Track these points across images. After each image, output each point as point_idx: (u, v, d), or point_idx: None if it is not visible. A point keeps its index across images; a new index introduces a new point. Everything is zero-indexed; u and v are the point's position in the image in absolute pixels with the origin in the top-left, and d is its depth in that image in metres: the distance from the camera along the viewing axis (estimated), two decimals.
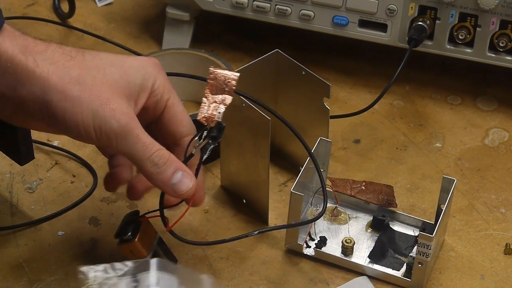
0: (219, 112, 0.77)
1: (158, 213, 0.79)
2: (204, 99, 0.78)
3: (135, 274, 0.72)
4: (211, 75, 0.79)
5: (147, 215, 0.81)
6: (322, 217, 0.91)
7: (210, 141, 0.78)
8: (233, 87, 0.78)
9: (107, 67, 0.74)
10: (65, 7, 1.19)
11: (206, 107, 0.78)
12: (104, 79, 0.73)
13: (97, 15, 1.22)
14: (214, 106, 0.78)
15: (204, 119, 0.78)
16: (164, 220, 0.79)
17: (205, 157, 0.78)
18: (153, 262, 0.72)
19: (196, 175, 0.77)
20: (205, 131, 0.77)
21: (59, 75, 0.72)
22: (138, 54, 1.10)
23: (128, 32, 1.19)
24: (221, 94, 0.78)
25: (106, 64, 0.74)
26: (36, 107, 0.73)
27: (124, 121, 0.72)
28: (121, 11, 1.23)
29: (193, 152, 0.77)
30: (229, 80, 0.78)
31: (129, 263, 0.73)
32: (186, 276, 0.73)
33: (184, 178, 0.75)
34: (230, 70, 0.80)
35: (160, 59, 1.03)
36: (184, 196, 0.76)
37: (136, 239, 0.80)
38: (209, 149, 0.78)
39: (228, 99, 0.78)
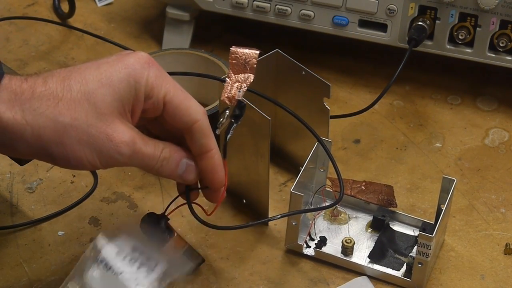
0: (240, 91, 0.78)
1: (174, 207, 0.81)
2: (227, 79, 0.79)
3: (95, 258, 0.74)
4: (232, 55, 0.79)
5: (170, 210, 0.81)
6: (322, 217, 0.91)
7: (233, 120, 0.78)
8: (254, 65, 0.79)
9: (96, 90, 0.72)
10: (65, 7, 1.19)
11: (229, 87, 0.78)
12: (97, 109, 0.72)
13: (97, 15, 1.22)
14: (237, 86, 0.78)
15: (228, 99, 0.78)
16: (193, 211, 0.80)
17: (229, 136, 0.78)
18: (100, 238, 0.74)
19: (224, 155, 0.78)
20: (227, 111, 0.78)
21: (52, 128, 0.70)
22: None
23: (128, 32, 1.19)
24: (243, 73, 0.78)
25: (94, 88, 0.72)
26: (39, 156, 0.72)
27: (128, 152, 0.72)
28: (121, 11, 1.23)
29: (217, 132, 0.78)
30: (250, 59, 0.79)
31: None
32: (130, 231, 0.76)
33: (189, 166, 0.77)
34: (249, 48, 0.79)
35: (160, 59, 1.04)
36: (193, 182, 0.78)
37: (175, 234, 0.82)
38: (232, 128, 0.78)
39: (251, 77, 0.79)
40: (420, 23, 1.02)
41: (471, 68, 1.10)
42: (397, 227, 0.90)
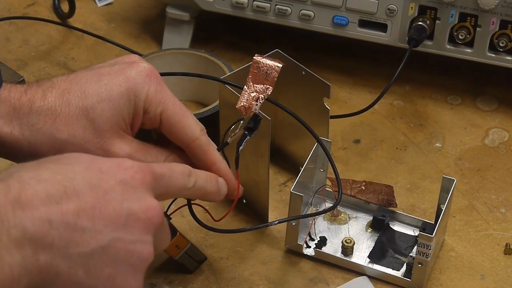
0: (257, 104, 0.77)
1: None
2: (245, 87, 0.78)
3: None
4: (254, 64, 0.78)
5: (171, 211, 0.81)
6: (322, 217, 0.91)
7: (246, 133, 0.77)
8: (275, 78, 0.77)
9: (95, 105, 0.72)
10: (65, 7, 1.19)
11: (246, 96, 0.77)
12: (94, 125, 0.72)
13: (97, 15, 1.22)
14: (254, 96, 0.77)
15: (243, 108, 0.77)
16: (193, 212, 0.80)
17: (241, 148, 0.77)
18: None
19: (236, 166, 0.77)
20: (241, 121, 0.77)
21: (49, 143, 0.71)
22: (140, 55, 1.09)
23: (128, 32, 1.19)
24: (262, 84, 0.77)
25: (94, 103, 0.72)
26: None
27: None
28: (121, 11, 1.23)
29: (229, 141, 0.77)
30: (271, 71, 0.78)
31: None
32: None
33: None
34: (273, 60, 0.78)
35: (160, 59, 1.04)
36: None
37: (178, 233, 0.83)
38: (245, 141, 0.77)
39: (269, 89, 0.77)
40: (420, 23, 1.02)
41: (471, 68, 1.10)
42: (397, 227, 0.90)
